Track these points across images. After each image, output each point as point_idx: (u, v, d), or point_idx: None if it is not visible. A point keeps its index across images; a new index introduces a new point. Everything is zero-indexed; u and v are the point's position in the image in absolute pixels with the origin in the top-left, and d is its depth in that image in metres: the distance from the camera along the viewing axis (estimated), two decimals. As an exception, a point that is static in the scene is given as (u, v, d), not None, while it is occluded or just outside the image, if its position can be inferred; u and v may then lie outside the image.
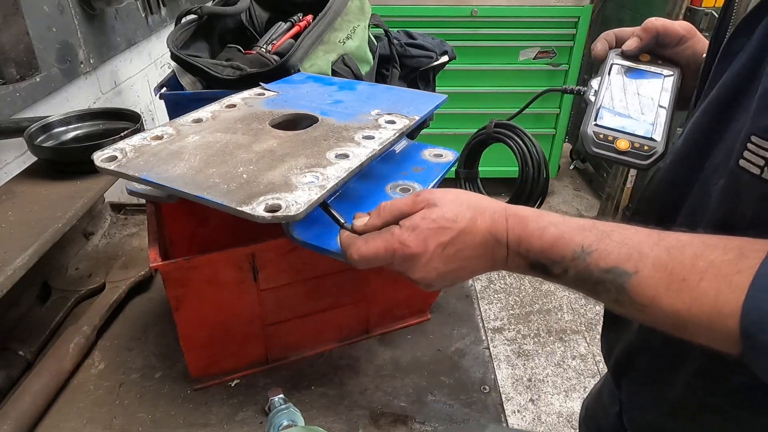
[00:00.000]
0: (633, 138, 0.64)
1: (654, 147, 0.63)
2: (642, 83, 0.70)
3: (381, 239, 0.50)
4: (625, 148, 0.64)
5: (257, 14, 1.16)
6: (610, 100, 0.69)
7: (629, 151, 0.64)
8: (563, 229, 0.47)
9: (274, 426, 0.62)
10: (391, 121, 0.69)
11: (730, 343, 0.40)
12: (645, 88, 0.69)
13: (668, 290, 0.42)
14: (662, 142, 0.64)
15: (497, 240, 0.49)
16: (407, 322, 0.82)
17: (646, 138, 0.64)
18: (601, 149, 0.65)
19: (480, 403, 0.69)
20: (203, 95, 0.92)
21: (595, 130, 0.66)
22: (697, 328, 0.42)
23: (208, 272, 0.63)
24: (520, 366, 2.14)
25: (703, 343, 0.43)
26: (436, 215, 0.49)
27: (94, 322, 0.79)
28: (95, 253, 0.96)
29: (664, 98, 0.68)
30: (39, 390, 0.67)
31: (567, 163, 3.49)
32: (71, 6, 1.12)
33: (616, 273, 0.44)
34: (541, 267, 0.48)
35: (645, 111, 0.67)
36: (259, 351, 0.73)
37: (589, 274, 0.45)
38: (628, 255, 0.43)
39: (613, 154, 0.65)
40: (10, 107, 0.93)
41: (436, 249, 0.48)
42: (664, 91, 0.68)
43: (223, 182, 0.54)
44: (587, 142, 0.66)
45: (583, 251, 0.45)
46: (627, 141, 0.64)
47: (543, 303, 2.44)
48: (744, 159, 0.44)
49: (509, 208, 0.50)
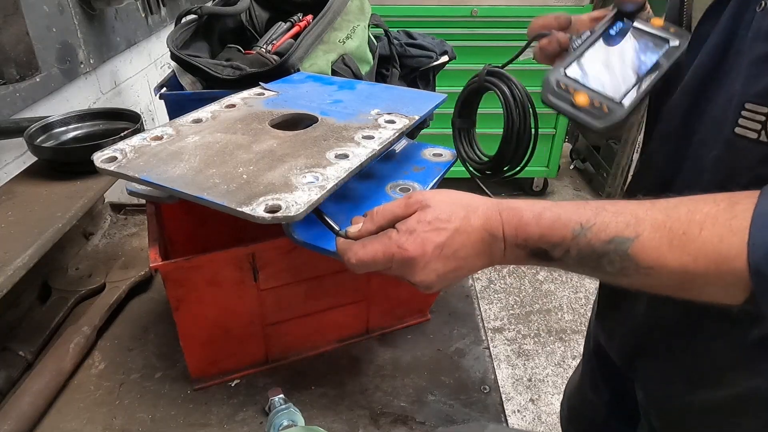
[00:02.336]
0: (596, 96, 0.58)
1: (614, 110, 0.57)
2: (639, 46, 0.62)
3: (379, 243, 0.50)
4: (582, 103, 0.58)
5: (257, 14, 1.16)
6: (594, 54, 0.62)
7: (585, 108, 0.58)
8: (558, 212, 0.47)
9: (274, 426, 0.62)
10: (391, 120, 0.69)
11: (739, 288, 0.41)
12: (638, 53, 0.62)
13: (671, 247, 0.43)
14: (627, 110, 0.57)
15: (493, 235, 0.49)
16: (407, 322, 0.82)
17: (612, 100, 0.58)
18: (558, 99, 0.59)
19: (480, 403, 0.69)
20: (203, 95, 0.92)
21: (558, 78, 0.60)
22: (705, 279, 0.43)
23: (208, 272, 0.63)
24: (520, 366, 2.14)
25: (710, 299, 0.44)
26: (431, 217, 0.49)
27: (94, 322, 0.79)
28: (95, 253, 0.96)
29: (653, 68, 0.60)
30: (39, 390, 0.67)
31: (567, 163, 3.49)
32: (71, 6, 1.12)
33: (617, 242, 0.44)
34: (542, 253, 0.48)
35: (626, 74, 0.60)
36: (259, 351, 0.73)
37: (591, 250, 0.46)
38: (626, 222, 0.45)
39: (568, 108, 0.58)
40: (10, 107, 0.93)
41: (434, 251, 0.48)
42: (661, 60, 0.60)
43: (223, 183, 0.54)
44: (545, 89, 0.60)
45: (582, 228, 0.46)
46: (587, 97, 0.58)
47: (543, 303, 2.44)
48: (740, 126, 0.47)
49: (501, 203, 0.50)
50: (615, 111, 0.57)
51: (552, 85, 0.60)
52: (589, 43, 0.62)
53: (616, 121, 0.57)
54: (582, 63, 0.61)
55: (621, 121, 0.57)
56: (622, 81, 0.59)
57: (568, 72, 0.60)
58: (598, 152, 3.13)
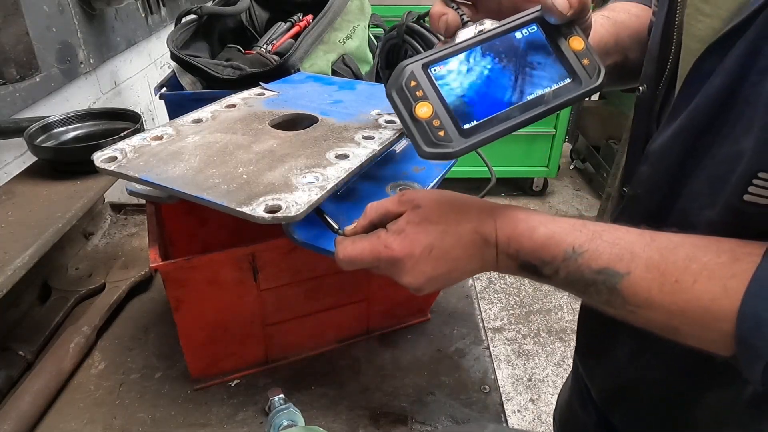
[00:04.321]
0: (442, 114, 0.46)
1: (452, 141, 0.46)
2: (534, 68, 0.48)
3: (367, 241, 0.49)
4: (422, 116, 0.46)
5: (257, 14, 1.16)
6: (475, 58, 0.48)
7: (422, 122, 0.46)
8: (553, 229, 0.46)
9: (274, 426, 0.62)
10: (391, 120, 0.69)
11: (723, 345, 0.40)
12: (527, 77, 0.48)
13: (661, 292, 0.41)
14: (466, 148, 0.46)
15: (485, 240, 0.48)
16: (407, 322, 0.82)
17: (457, 127, 0.46)
18: (400, 99, 0.47)
19: (480, 403, 0.69)
20: (203, 95, 0.92)
21: (414, 71, 0.47)
22: (690, 329, 0.41)
23: (208, 272, 0.63)
24: (521, 366, 2.14)
25: (694, 345, 0.43)
26: (420, 218, 0.48)
27: (94, 322, 0.79)
28: (95, 253, 0.96)
29: (534, 102, 0.47)
30: (39, 390, 0.67)
31: (567, 163, 3.49)
32: (71, 6, 1.12)
33: (607, 274, 0.43)
34: (532, 268, 0.47)
35: (496, 100, 0.47)
36: (259, 351, 0.73)
37: (580, 276, 0.44)
38: (619, 256, 0.43)
39: (405, 114, 0.47)
40: (10, 107, 0.93)
41: (423, 252, 0.47)
42: (549, 95, 0.48)
43: (223, 183, 0.54)
44: (392, 81, 0.48)
45: (574, 252, 0.44)
46: (431, 110, 0.46)
47: (543, 303, 2.44)
48: (749, 194, 0.43)
49: (497, 208, 0.49)
50: (452, 143, 0.46)
51: (402, 78, 0.47)
52: (478, 41, 0.48)
53: (444, 154, 0.46)
54: (454, 63, 0.48)
55: (455, 153, 0.47)
56: (488, 107, 0.47)
57: (431, 69, 0.48)
58: (598, 152, 3.14)
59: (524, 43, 0.49)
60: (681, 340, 0.43)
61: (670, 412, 0.60)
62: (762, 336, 0.37)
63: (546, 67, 0.48)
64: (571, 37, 0.49)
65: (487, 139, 0.47)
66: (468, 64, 0.48)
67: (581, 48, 0.48)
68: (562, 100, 0.48)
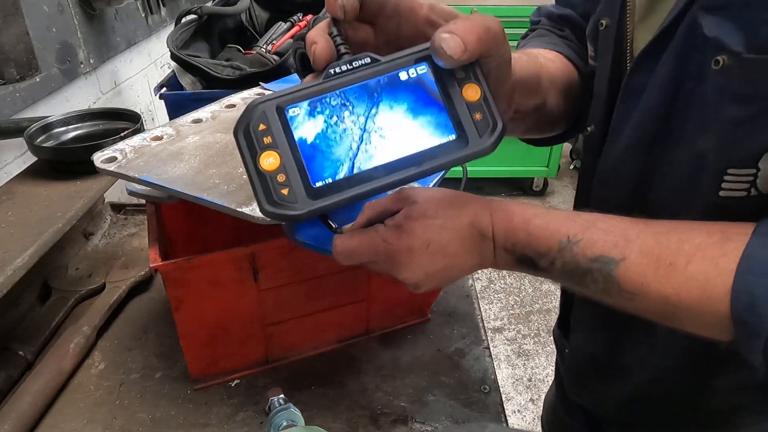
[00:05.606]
0: (290, 169, 0.39)
1: (294, 203, 0.39)
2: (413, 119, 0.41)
3: (365, 235, 0.49)
4: (267, 168, 0.39)
5: (257, 14, 1.17)
6: (346, 99, 0.40)
7: (265, 175, 0.39)
8: (548, 220, 0.46)
9: (274, 426, 0.62)
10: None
11: (721, 328, 0.40)
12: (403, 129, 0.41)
13: (656, 276, 0.41)
14: (307, 213, 0.39)
15: (482, 234, 0.48)
16: (407, 322, 0.82)
17: (306, 188, 0.39)
18: (246, 144, 0.39)
19: (480, 403, 0.69)
20: (203, 95, 0.92)
21: (265, 111, 0.39)
22: (687, 313, 0.42)
23: (208, 272, 0.63)
24: (521, 366, 2.14)
25: (693, 331, 0.43)
26: (417, 213, 0.48)
27: (94, 322, 0.79)
28: (95, 253, 0.96)
29: (412, 161, 0.41)
30: (39, 390, 0.67)
31: (567, 163, 3.49)
32: (71, 6, 1.12)
33: (602, 261, 0.43)
34: (529, 261, 0.47)
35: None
36: (259, 351, 0.73)
37: (576, 265, 0.44)
38: (614, 242, 0.43)
39: (249, 163, 0.39)
40: (10, 107, 0.94)
41: (420, 247, 0.47)
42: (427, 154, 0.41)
43: (223, 183, 0.54)
44: (241, 119, 0.40)
45: (569, 241, 0.44)
46: (279, 162, 0.39)
47: (543, 303, 2.44)
48: (724, 189, 0.44)
49: (492, 203, 0.49)
50: (295, 204, 0.39)
51: (251, 119, 0.39)
52: (350, 80, 0.40)
53: (286, 216, 0.39)
54: (314, 105, 0.40)
55: (296, 218, 0.40)
56: (347, 163, 0.40)
57: (287, 111, 0.40)
58: (598, 152, 3.13)
59: (407, 87, 0.41)
60: (680, 326, 0.43)
61: (683, 405, 0.60)
62: (756, 313, 0.37)
63: (429, 118, 0.41)
64: (467, 83, 0.41)
65: (339, 203, 0.40)
66: (331, 109, 0.40)
67: (476, 99, 0.40)
68: (438, 163, 0.41)
